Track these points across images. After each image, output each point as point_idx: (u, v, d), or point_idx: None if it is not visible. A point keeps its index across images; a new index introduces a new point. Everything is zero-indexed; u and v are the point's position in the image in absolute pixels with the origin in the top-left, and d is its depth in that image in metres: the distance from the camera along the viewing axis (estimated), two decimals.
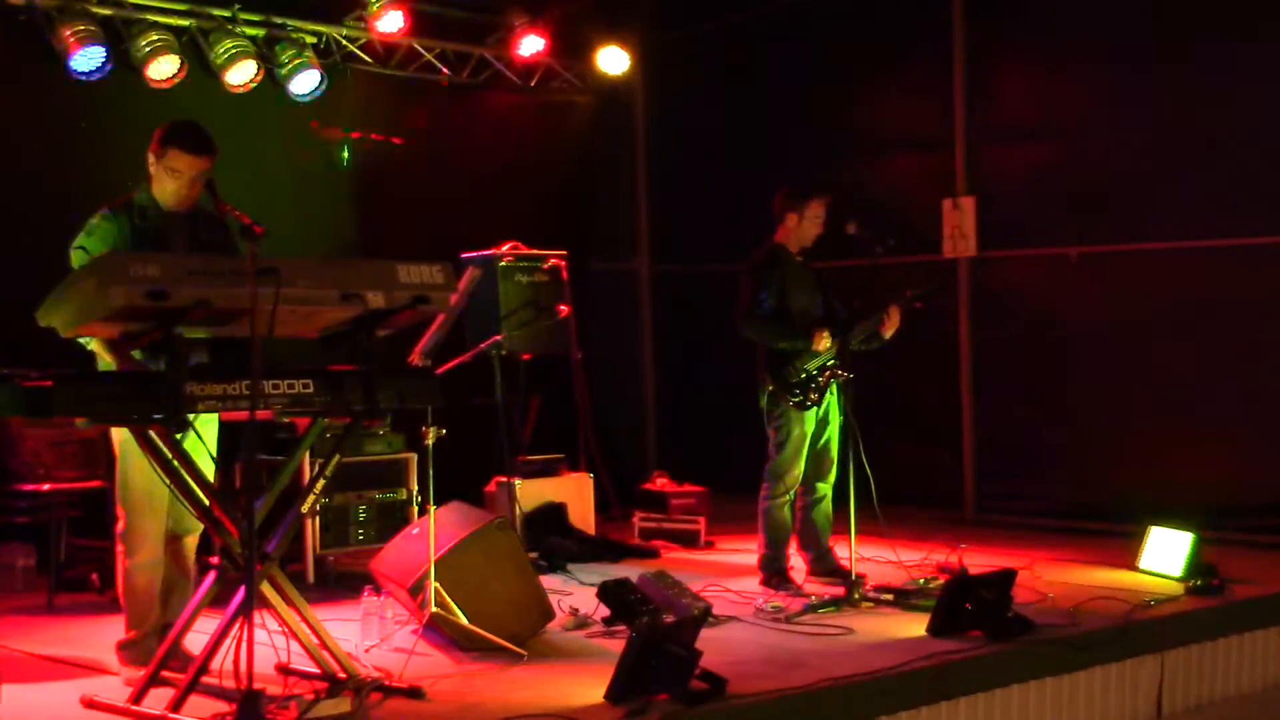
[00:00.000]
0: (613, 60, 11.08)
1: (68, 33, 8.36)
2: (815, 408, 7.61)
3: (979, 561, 7.98)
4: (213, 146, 5.79)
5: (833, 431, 7.72)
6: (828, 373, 7.55)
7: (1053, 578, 7.75)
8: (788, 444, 7.64)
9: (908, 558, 8.05)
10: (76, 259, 5.68)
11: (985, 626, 6.30)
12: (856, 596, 7.09)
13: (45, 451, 7.66)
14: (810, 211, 7.74)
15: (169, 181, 5.76)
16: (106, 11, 8.64)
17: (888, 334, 7.64)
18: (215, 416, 5.83)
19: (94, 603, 7.39)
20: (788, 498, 7.74)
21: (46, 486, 7.58)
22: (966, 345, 10.38)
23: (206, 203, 5.62)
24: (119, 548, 5.87)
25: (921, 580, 7.51)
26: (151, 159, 5.80)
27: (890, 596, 7.18)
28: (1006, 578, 6.55)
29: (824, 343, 7.48)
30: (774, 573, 7.72)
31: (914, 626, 6.51)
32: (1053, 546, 8.84)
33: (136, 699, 5.21)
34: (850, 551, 7.25)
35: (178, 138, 5.76)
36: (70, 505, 7.73)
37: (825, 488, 7.80)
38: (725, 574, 8.06)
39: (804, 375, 7.55)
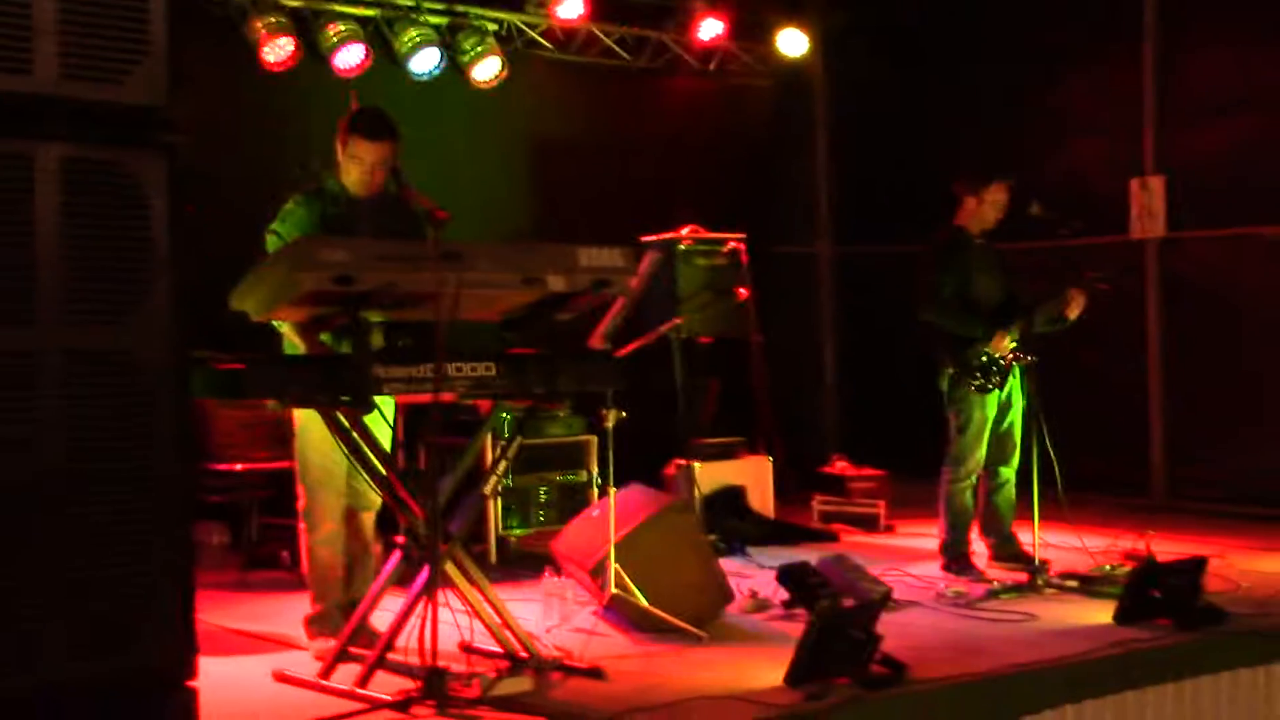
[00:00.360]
0: (792, 42, 11.02)
1: (259, 24, 8.58)
2: (997, 391, 7.51)
3: (1168, 548, 7.81)
4: (393, 132, 5.90)
5: (1015, 415, 7.60)
6: (1010, 356, 7.44)
7: (1246, 566, 7.56)
8: (969, 428, 7.55)
9: (1093, 544, 7.90)
10: (271, 243, 5.84)
11: (1174, 615, 6.17)
12: (1040, 583, 6.99)
13: (237, 433, 7.86)
14: (990, 195, 7.63)
15: (353, 168, 5.89)
16: (295, 3, 8.84)
17: (1072, 317, 7.51)
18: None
19: (284, 579, 7.58)
20: (969, 482, 7.65)
21: (239, 467, 7.80)
22: (1155, 328, 10.14)
23: (392, 187, 5.73)
24: (300, 525, 6.02)
25: (1108, 567, 7.37)
26: (339, 147, 5.94)
27: (1075, 583, 7.06)
28: (1197, 565, 6.41)
29: (1003, 347, 7.39)
30: (955, 557, 7.64)
31: (1100, 614, 6.39)
32: (1246, 534, 8.62)
33: (325, 674, 5.34)
34: (1034, 537, 7.14)
35: (358, 125, 5.90)
36: (261, 485, 7.93)
37: (1008, 472, 7.69)
38: (905, 558, 8.00)
39: (985, 358, 7.45)
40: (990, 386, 7.48)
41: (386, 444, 5.64)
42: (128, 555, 3.75)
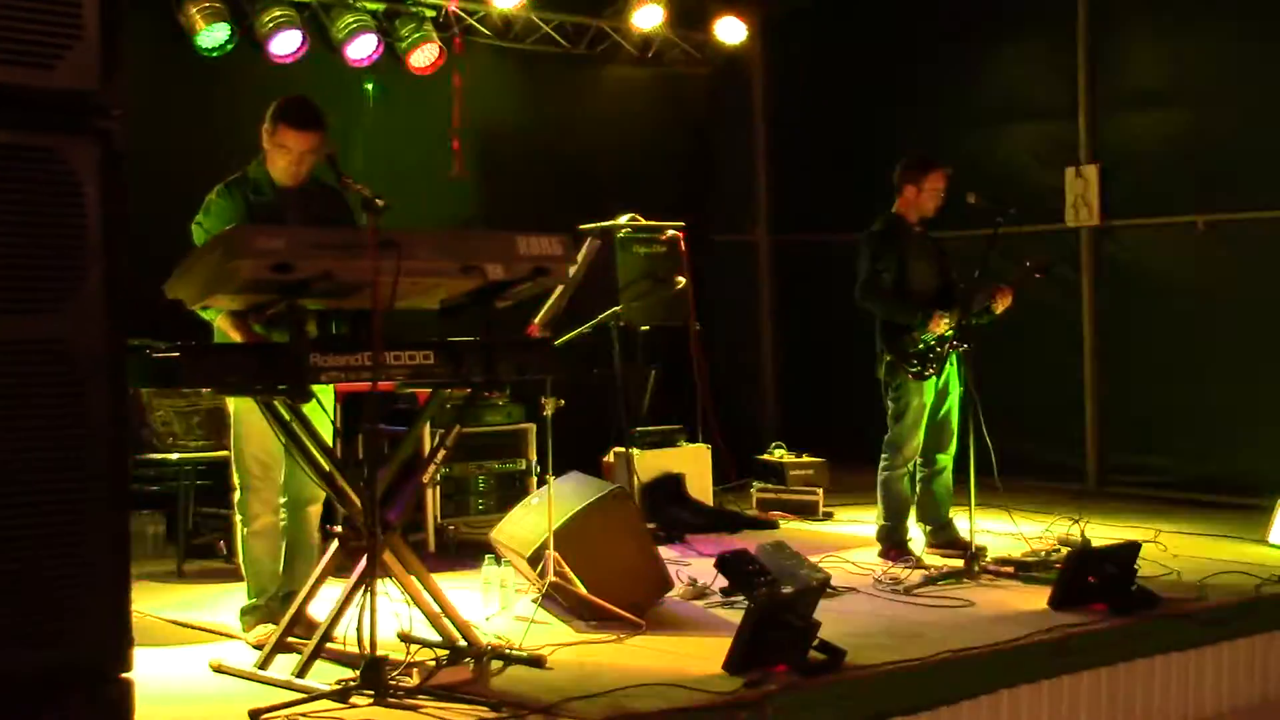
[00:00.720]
0: (730, 30, 11.02)
1: (194, 9, 8.49)
2: (934, 378, 7.55)
3: (1102, 534, 7.90)
4: (321, 122, 5.85)
5: (953, 402, 7.64)
6: (946, 344, 7.47)
7: (1179, 551, 7.63)
8: (906, 414, 7.59)
9: (1029, 530, 7.95)
10: (197, 235, 5.79)
11: (1108, 600, 6.22)
12: (976, 569, 7.03)
13: (173, 422, 7.81)
14: (929, 183, 7.66)
15: (280, 158, 5.83)
16: None
17: (998, 311, 7.54)
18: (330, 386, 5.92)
19: (221, 570, 7.54)
20: (907, 469, 7.69)
21: (174, 456, 7.74)
22: (1089, 315, 10.22)
23: (327, 175, 5.68)
24: (236, 516, 5.98)
25: (1043, 553, 7.42)
26: (265, 136, 5.88)
27: (1011, 569, 7.10)
28: (1131, 550, 6.47)
29: (941, 327, 7.42)
30: (893, 544, 7.67)
31: (1035, 600, 6.44)
32: (1179, 519, 8.70)
33: (263, 664, 5.30)
34: (970, 523, 7.19)
35: (285, 114, 5.84)
36: (197, 474, 7.87)
37: (945, 459, 7.73)
38: (844, 546, 8.02)
39: (922, 346, 7.49)
40: (927, 373, 7.51)
41: (326, 434, 5.60)
42: (61, 546, 3.71)
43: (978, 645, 5.63)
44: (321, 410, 5.50)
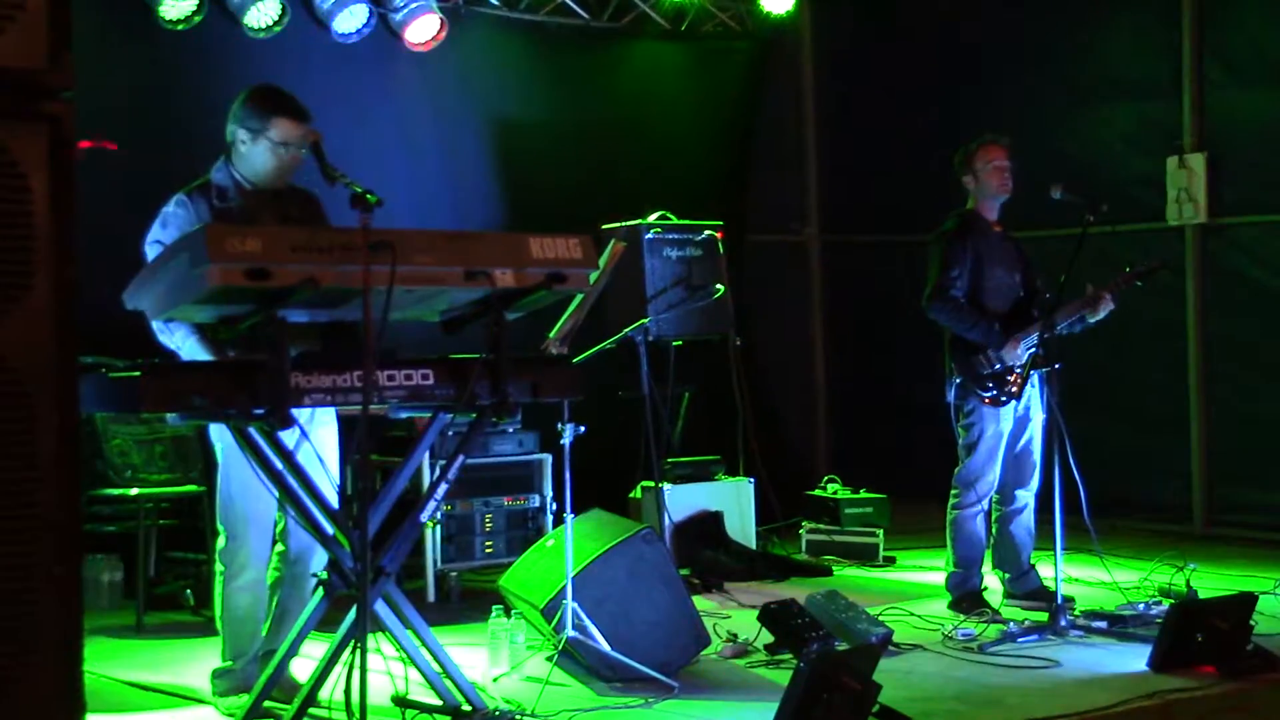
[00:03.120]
0: None
1: None
2: (1014, 403, 7.53)
3: (1211, 584, 7.86)
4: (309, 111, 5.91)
5: (1034, 430, 7.62)
6: (1027, 363, 7.45)
7: None
8: (980, 445, 7.57)
9: (1124, 578, 7.93)
10: (153, 255, 5.74)
11: (1219, 661, 6.20)
12: (1063, 624, 7.00)
13: (132, 452, 7.83)
14: (980, 162, 7.65)
15: (270, 158, 5.82)
16: None
17: (1095, 318, 7.52)
18: (333, 421, 5.92)
19: (188, 623, 7.56)
20: (980, 507, 7.67)
21: (134, 491, 7.75)
22: (1196, 328, 10.19)
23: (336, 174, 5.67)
24: (218, 567, 5.98)
25: (1141, 605, 7.39)
26: (243, 134, 5.85)
27: (1104, 624, 7.08)
28: (1245, 603, 6.44)
29: (1019, 350, 7.42)
30: (965, 594, 7.66)
31: (1132, 660, 6.42)
32: None
33: None
34: (1056, 571, 7.16)
35: (280, 106, 5.83)
36: (160, 512, 7.88)
37: (1026, 496, 7.71)
38: (908, 596, 8.01)
39: (998, 366, 7.47)
40: (1004, 399, 7.50)
41: (322, 475, 5.57)
42: (1, 597, 3.70)
43: (1065, 714, 5.60)
44: (313, 451, 5.49)
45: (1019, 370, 7.48)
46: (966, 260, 7.61)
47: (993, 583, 7.83)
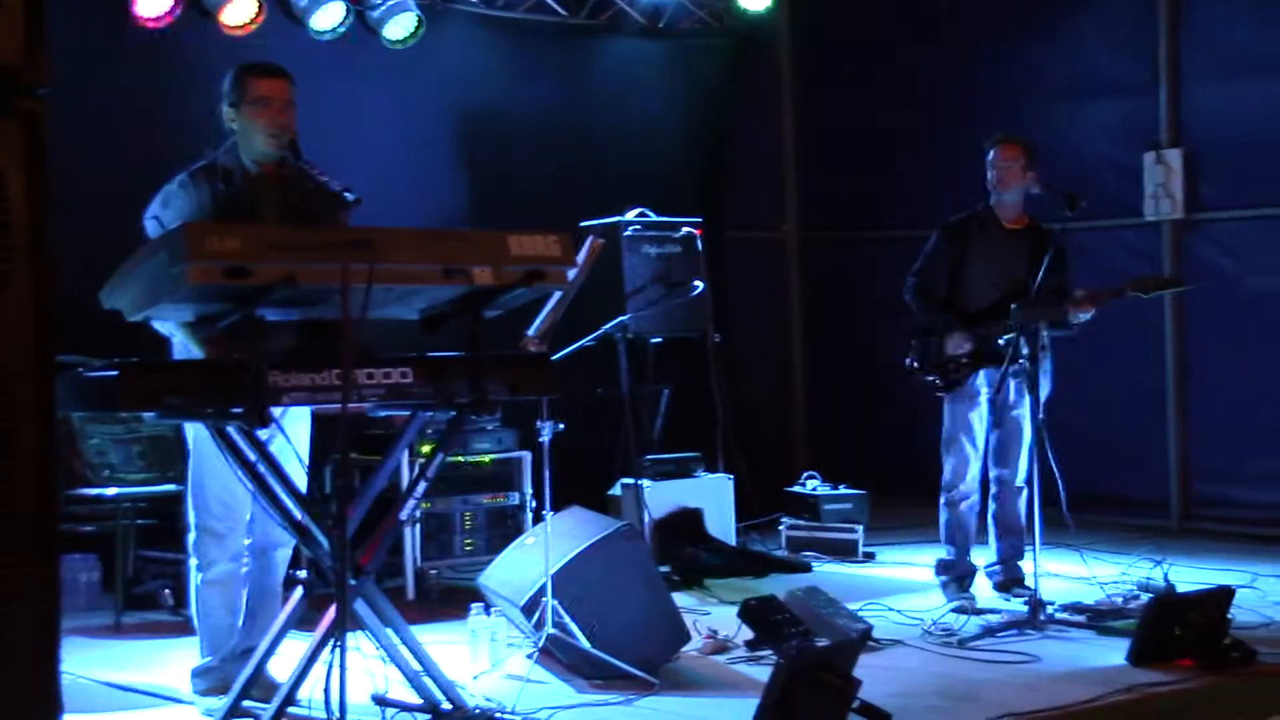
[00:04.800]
0: None
1: None
2: (979, 391, 7.57)
3: (1189, 578, 7.88)
4: (286, 71, 5.91)
5: (1023, 412, 7.57)
6: (975, 354, 7.52)
7: (1279, 597, 7.60)
8: (944, 431, 7.75)
9: (1103, 572, 7.95)
10: (153, 232, 5.74)
11: (1197, 655, 6.21)
12: (1042, 618, 7.01)
13: (110, 450, 7.80)
14: (990, 161, 7.70)
15: (261, 118, 5.79)
16: None
17: (1075, 322, 7.53)
18: (307, 417, 5.90)
19: (166, 623, 7.53)
20: (959, 493, 7.74)
21: (112, 491, 7.72)
22: (1173, 324, 10.19)
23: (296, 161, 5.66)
24: (191, 561, 5.97)
25: (1120, 599, 7.41)
26: (230, 112, 5.86)
27: (1082, 618, 7.09)
28: (1222, 597, 6.45)
29: (958, 347, 7.49)
30: (951, 578, 7.69)
31: (1111, 654, 6.44)
32: (1279, 559, 8.66)
33: None
34: (1035, 565, 7.17)
35: (250, 69, 5.88)
36: (138, 512, 7.85)
37: (1007, 486, 7.73)
38: (888, 591, 8.02)
39: (945, 353, 7.59)
40: (946, 386, 7.60)
41: (297, 468, 5.58)
42: None
43: (1044, 708, 5.61)
44: (287, 443, 5.49)
45: (964, 360, 7.55)
46: (951, 252, 7.75)
47: (995, 574, 7.87)
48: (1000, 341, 7.31)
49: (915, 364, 7.74)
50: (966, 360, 7.56)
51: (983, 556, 7.87)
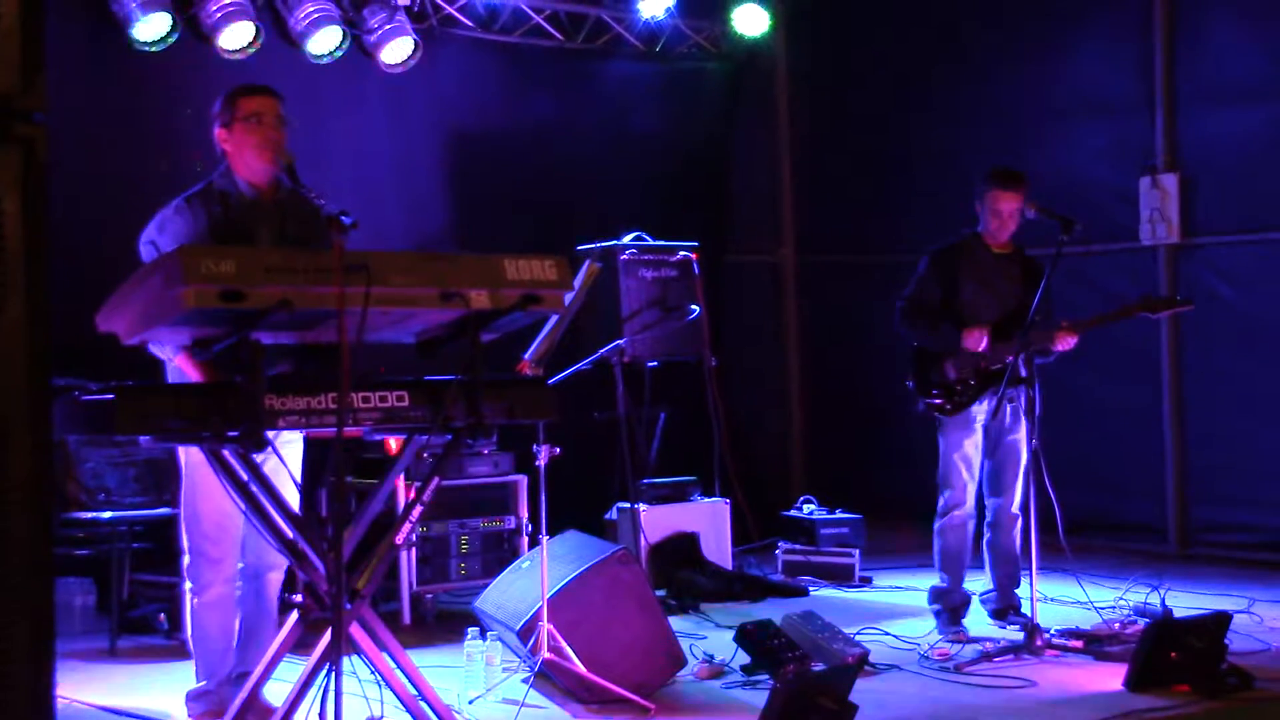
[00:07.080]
0: (750, 20, 11.05)
1: None
2: (978, 416, 7.54)
3: (1186, 603, 7.87)
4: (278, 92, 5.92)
5: (1020, 437, 7.56)
6: (980, 375, 7.50)
7: (1277, 623, 7.60)
8: (940, 454, 7.68)
9: (1099, 598, 7.94)
10: (148, 257, 5.75)
11: (1194, 680, 6.21)
12: (1039, 643, 7.00)
13: (106, 474, 7.80)
14: (988, 203, 7.61)
15: (253, 137, 5.80)
16: None
17: (1056, 350, 7.51)
18: (298, 437, 5.91)
19: (161, 647, 7.52)
20: (956, 517, 7.68)
21: (107, 514, 7.72)
22: (1170, 349, 10.20)
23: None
24: (185, 585, 5.96)
25: (1117, 625, 7.40)
26: (222, 134, 5.88)
27: (1079, 643, 7.08)
28: (1220, 622, 6.44)
29: (978, 343, 7.44)
30: (944, 607, 7.68)
31: (1108, 679, 6.43)
32: (1276, 586, 8.66)
33: None
34: (1031, 590, 7.16)
35: (239, 90, 5.90)
36: (134, 535, 7.85)
37: (1002, 512, 7.71)
38: (884, 616, 8.01)
39: (952, 374, 7.54)
40: (949, 408, 7.55)
41: (291, 489, 5.58)
42: None
43: None
44: (280, 463, 5.49)
45: (971, 382, 7.52)
46: (942, 276, 7.69)
47: (991, 599, 7.85)
48: (1009, 359, 7.28)
49: (912, 385, 7.69)
50: (974, 381, 7.52)
51: (978, 583, 7.87)
